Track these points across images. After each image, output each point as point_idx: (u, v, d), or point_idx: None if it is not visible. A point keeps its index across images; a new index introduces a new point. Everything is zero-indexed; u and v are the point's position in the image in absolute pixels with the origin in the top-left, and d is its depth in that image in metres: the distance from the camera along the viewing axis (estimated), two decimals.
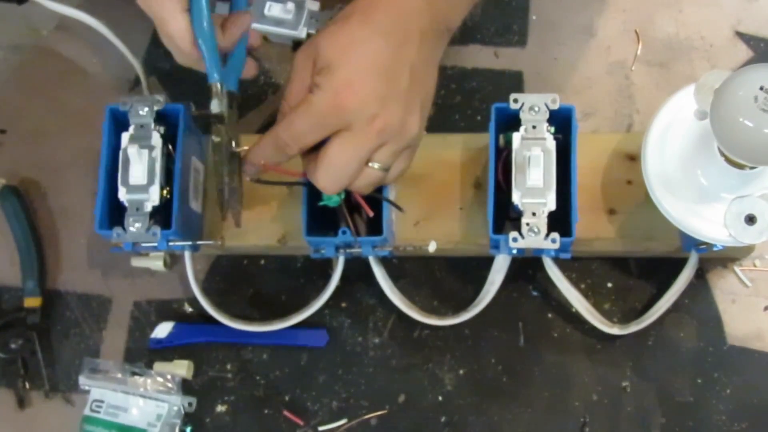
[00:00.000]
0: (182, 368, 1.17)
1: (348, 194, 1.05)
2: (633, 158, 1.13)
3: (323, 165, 0.99)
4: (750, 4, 1.24)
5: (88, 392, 1.17)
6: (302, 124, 0.99)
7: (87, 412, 1.16)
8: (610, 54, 1.23)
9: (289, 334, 1.18)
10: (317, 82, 0.98)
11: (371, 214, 1.05)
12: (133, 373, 1.17)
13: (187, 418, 1.17)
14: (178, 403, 1.16)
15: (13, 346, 1.20)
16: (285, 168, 1.03)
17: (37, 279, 1.21)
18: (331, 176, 1.00)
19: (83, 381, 1.17)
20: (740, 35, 1.23)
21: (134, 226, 1.06)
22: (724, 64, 1.21)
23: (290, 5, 1.21)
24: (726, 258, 1.16)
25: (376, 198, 1.06)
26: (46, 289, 1.22)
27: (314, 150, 1.01)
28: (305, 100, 0.98)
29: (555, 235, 1.02)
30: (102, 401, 1.16)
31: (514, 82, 1.23)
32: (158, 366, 1.17)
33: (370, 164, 1.00)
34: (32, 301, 1.21)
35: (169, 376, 1.16)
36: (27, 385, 1.19)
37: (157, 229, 1.06)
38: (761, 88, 0.88)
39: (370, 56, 0.98)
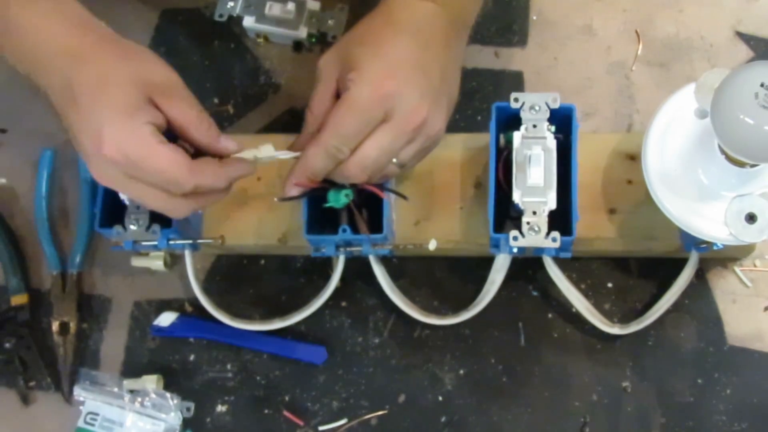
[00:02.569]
0: (151, 383, 1.16)
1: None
2: (633, 158, 1.13)
3: (357, 156, 0.99)
4: (750, 4, 1.24)
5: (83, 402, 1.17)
6: (350, 124, 0.97)
7: (81, 424, 1.16)
8: (610, 54, 1.24)
9: (287, 345, 1.18)
10: (351, 79, 0.97)
11: (384, 196, 1.05)
12: (131, 391, 1.16)
13: (187, 419, 1.17)
14: (175, 422, 1.16)
15: (7, 345, 1.20)
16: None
17: (20, 276, 1.22)
18: (363, 167, 1.00)
19: (78, 392, 1.17)
20: (740, 35, 1.23)
21: (135, 224, 1.06)
22: (724, 64, 1.21)
23: (290, 5, 1.22)
24: (726, 258, 1.16)
25: (379, 188, 1.06)
26: (30, 284, 1.23)
27: None
28: (346, 99, 0.97)
29: (555, 233, 1.02)
30: (97, 414, 1.16)
31: (514, 82, 1.23)
32: (128, 383, 1.17)
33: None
34: (19, 299, 1.21)
35: (167, 395, 1.16)
36: (29, 383, 1.19)
37: (158, 228, 1.06)
38: (762, 85, 0.88)
39: (402, 52, 0.98)
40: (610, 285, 1.17)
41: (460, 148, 1.16)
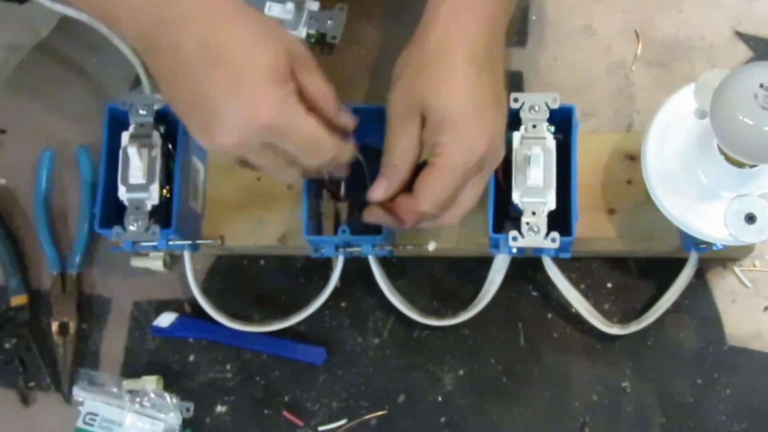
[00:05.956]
0: (151, 383, 1.16)
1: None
2: (633, 158, 1.13)
3: (460, 213, 1.01)
4: (750, 4, 1.23)
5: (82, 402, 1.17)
6: (446, 190, 0.98)
7: (80, 424, 1.16)
8: (610, 54, 1.23)
9: (287, 346, 1.18)
10: (442, 141, 0.96)
11: None
12: (130, 391, 1.16)
13: (187, 419, 1.17)
14: (175, 422, 1.16)
15: (7, 345, 1.20)
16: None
17: (20, 276, 1.22)
18: (463, 217, 1.02)
19: (77, 392, 1.17)
20: (740, 35, 1.23)
21: (134, 225, 1.06)
22: (724, 64, 1.21)
23: (290, 5, 1.21)
24: (726, 258, 1.16)
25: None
26: (30, 285, 1.23)
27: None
28: (443, 168, 0.96)
29: (555, 234, 1.02)
30: (96, 414, 1.16)
31: (514, 82, 1.23)
32: (128, 383, 1.17)
33: None
34: (18, 299, 1.21)
35: (166, 395, 1.16)
36: (28, 383, 1.19)
37: (157, 228, 1.06)
38: (761, 86, 0.88)
39: (486, 97, 0.97)
40: (609, 285, 1.17)
41: None
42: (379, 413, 1.16)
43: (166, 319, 1.19)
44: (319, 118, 0.93)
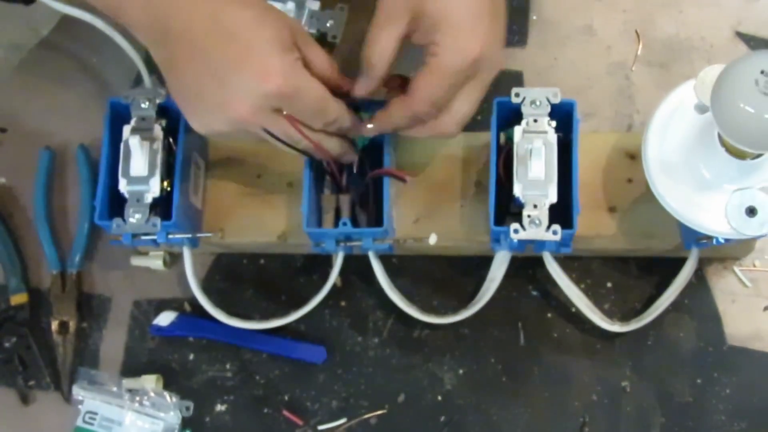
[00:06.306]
0: (150, 382, 1.16)
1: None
2: (633, 157, 1.14)
3: (454, 115, 1.02)
4: (750, 4, 1.24)
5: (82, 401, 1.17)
6: (442, 92, 1.00)
7: (80, 423, 1.16)
8: (610, 54, 1.24)
9: (287, 345, 1.18)
10: (437, 41, 0.98)
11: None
12: (129, 390, 1.16)
13: (186, 418, 1.17)
14: (174, 421, 1.16)
15: (7, 344, 1.20)
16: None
17: (20, 275, 1.22)
18: (460, 124, 1.04)
19: (77, 391, 1.17)
20: (740, 35, 1.23)
21: (134, 216, 1.06)
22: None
23: (290, 5, 1.21)
24: (726, 258, 1.17)
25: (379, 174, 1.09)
26: (30, 284, 1.23)
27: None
28: (437, 69, 0.99)
29: (556, 226, 1.02)
30: (96, 413, 1.16)
31: (514, 82, 1.23)
32: (127, 383, 1.16)
33: None
34: (18, 298, 1.21)
35: (166, 394, 1.16)
36: (28, 382, 1.19)
37: (157, 220, 1.06)
38: (762, 72, 0.88)
39: (483, 5, 0.99)
40: (609, 285, 1.17)
41: (461, 147, 1.16)
42: (379, 412, 1.16)
43: (165, 318, 1.19)
44: (325, 84, 0.99)
